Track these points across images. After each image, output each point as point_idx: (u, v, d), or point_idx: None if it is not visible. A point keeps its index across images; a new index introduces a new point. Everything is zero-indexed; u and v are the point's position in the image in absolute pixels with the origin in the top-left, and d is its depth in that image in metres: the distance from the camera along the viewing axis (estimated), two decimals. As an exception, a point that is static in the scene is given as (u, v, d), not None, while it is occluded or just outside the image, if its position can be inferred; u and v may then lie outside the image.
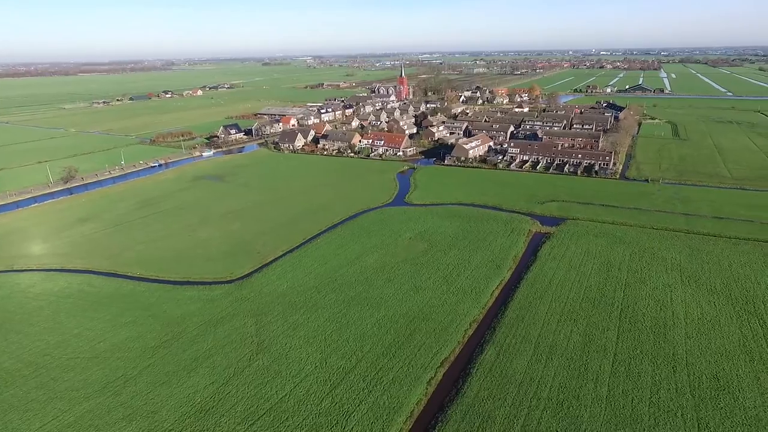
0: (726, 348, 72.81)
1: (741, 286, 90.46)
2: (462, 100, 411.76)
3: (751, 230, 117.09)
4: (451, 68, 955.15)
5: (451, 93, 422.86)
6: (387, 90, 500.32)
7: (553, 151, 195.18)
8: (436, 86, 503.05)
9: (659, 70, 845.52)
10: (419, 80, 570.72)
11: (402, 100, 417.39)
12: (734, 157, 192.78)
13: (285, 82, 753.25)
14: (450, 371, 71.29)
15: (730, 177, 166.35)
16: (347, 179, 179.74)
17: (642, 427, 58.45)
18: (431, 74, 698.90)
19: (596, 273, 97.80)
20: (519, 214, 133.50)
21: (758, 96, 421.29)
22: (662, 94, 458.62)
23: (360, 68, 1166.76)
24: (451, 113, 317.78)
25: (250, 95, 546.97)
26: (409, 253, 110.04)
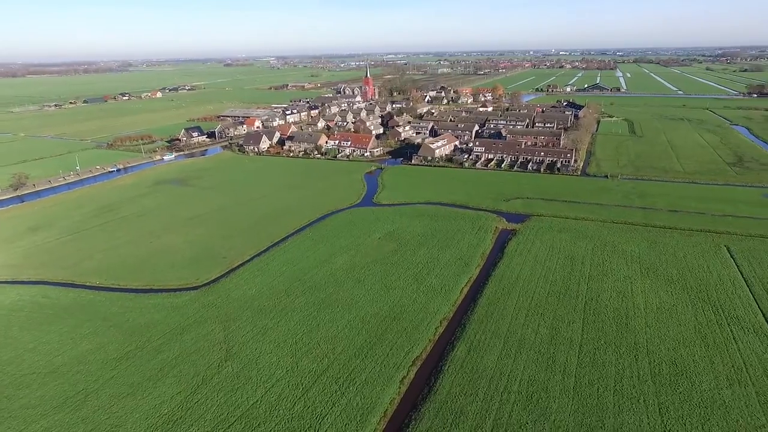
0: (683, 335, 76.13)
1: (695, 276, 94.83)
2: (427, 100, 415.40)
3: (703, 222, 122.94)
4: (416, 68, 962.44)
5: (416, 93, 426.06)
6: (353, 90, 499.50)
7: (517, 150, 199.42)
8: (402, 86, 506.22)
9: (615, 69, 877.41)
10: (384, 80, 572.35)
11: (368, 101, 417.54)
12: (686, 153, 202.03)
13: (248, 84, 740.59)
14: (422, 369, 71.73)
15: (683, 171, 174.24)
16: (314, 181, 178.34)
17: (607, 415, 60.40)
18: (396, 74, 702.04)
19: (561, 267, 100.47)
20: (486, 212, 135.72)
21: (706, 94, 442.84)
22: (619, 93, 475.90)
23: (325, 69, 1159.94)
24: (416, 113, 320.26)
25: (212, 97, 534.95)
26: (378, 254, 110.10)
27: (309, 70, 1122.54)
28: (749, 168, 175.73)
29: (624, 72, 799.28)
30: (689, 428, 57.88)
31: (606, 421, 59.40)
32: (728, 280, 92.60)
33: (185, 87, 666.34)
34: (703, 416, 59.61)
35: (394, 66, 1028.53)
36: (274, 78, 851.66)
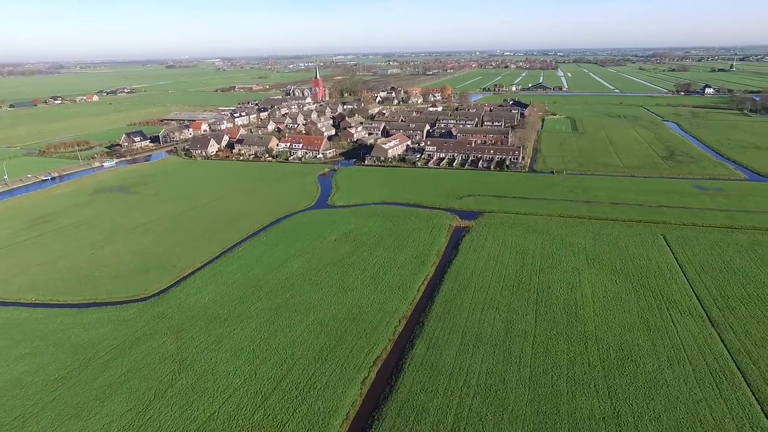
0: (627, 321, 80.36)
1: (636, 264, 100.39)
2: (378, 101, 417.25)
3: (641, 213, 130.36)
4: (366, 69, 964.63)
5: (367, 94, 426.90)
6: (302, 92, 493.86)
7: (467, 148, 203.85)
8: (352, 87, 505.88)
9: (557, 69, 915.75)
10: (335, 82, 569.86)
11: (318, 102, 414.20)
12: (624, 148, 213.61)
13: (193, 86, 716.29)
14: (383, 369, 71.84)
15: (622, 166, 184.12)
16: (267, 184, 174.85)
17: (561, 402, 62.78)
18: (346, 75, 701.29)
19: (513, 261, 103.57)
20: (439, 210, 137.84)
21: (640, 92, 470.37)
22: (561, 92, 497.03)
23: (273, 70, 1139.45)
24: (368, 114, 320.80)
25: (154, 100, 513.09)
26: (335, 255, 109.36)
27: (256, 71, 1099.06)
28: (680, 161, 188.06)
29: (565, 72, 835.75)
30: (636, 408, 61.13)
31: (561, 408, 61.73)
32: (665, 267, 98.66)
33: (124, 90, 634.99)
34: (648, 395, 63.17)
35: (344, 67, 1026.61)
36: (220, 80, 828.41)
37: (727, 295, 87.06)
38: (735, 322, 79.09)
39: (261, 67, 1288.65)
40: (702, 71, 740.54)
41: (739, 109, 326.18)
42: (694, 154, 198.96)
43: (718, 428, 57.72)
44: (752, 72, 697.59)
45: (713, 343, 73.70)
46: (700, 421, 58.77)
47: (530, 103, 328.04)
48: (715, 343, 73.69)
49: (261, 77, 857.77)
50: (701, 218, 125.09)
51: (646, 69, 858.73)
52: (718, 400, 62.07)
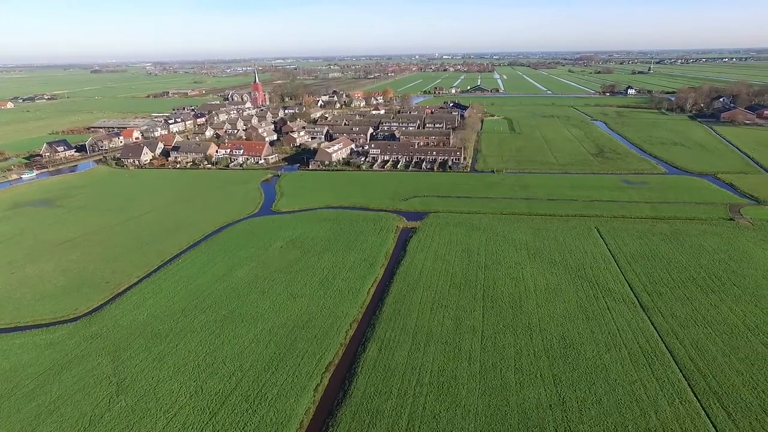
0: (568, 311, 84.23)
1: (573, 256, 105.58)
2: (320, 105, 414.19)
3: (576, 208, 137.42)
4: (306, 73, 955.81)
5: (308, 98, 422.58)
6: (242, 97, 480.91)
7: (410, 150, 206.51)
8: (293, 91, 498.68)
9: (493, 72, 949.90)
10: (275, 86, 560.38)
11: (259, 107, 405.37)
12: (558, 147, 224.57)
13: (122, 91, 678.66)
14: (336, 374, 70.97)
15: (557, 163, 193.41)
16: (207, 192, 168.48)
17: (511, 393, 64.66)
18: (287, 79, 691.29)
19: (459, 260, 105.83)
20: (386, 212, 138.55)
21: (570, 94, 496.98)
22: (498, 94, 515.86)
23: (209, 75, 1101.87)
24: (310, 118, 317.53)
25: (79, 107, 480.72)
26: (282, 262, 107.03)
27: (191, 76, 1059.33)
28: (608, 158, 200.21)
29: (501, 74, 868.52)
30: (579, 393, 64.07)
31: (510, 399, 63.56)
32: (600, 258, 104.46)
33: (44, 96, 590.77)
34: (589, 380, 66.42)
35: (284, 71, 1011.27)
36: (152, 85, 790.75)
37: (655, 281, 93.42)
38: (662, 305, 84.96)
39: (196, 72, 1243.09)
40: (624, 73, 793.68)
41: (658, 108, 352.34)
42: (621, 151, 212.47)
43: (652, 405, 61.60)
44: (667, 74, 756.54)
45: (645, 327, 78.74)
46: (637, 400, 62.50)
47: (469, 105, 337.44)
48: (646, 327, 78.76)
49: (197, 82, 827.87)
50: (629, 210, 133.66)
51: (574, 71, 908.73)
52: (651, 380, 66.30)
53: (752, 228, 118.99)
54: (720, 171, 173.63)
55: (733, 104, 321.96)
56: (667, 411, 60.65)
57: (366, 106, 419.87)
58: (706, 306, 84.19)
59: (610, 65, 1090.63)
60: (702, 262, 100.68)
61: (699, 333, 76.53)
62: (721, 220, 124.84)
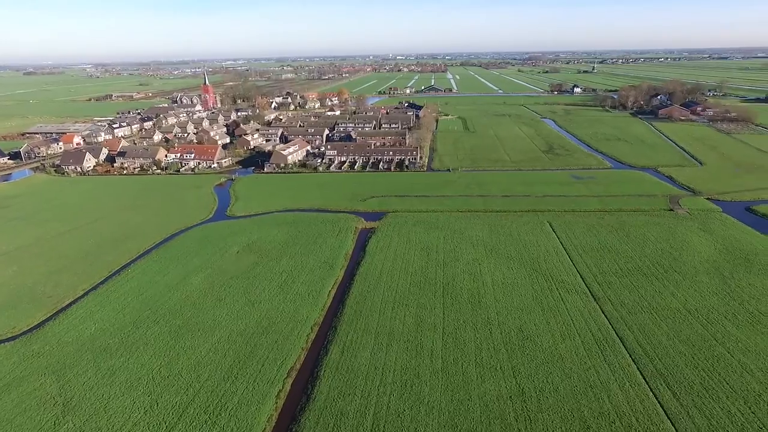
0: (524, 304, 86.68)
1: (528, 251, 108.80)
2: (274, 107, 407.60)
3: (529, 203, 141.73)
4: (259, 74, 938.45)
5: (261, 99, 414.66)
6: (191, 99, 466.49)
7: (367, 150, 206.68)
8: (245, 93, 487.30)
9: (446, 72, 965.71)
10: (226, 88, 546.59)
11: (209, 110, 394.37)
12: (510, 144, 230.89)
13: (60, 95, 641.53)
14: (298, 379, 69.94)
15: (510, 161, 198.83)
16: (157, 199, 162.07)
17: (472, 387, 65.84)
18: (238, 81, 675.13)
19: (418, 258, 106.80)
20: (344, 213, 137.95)
21: (520, 93, 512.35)
22: (451, 94, 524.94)
23: (156, 77, 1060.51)
24: (264, 120, 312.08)
25: (11, 111, 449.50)
26: (238, 268, 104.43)
27: (136, 78, 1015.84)
28: (558, 154, 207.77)
29: (454, 74, 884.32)
30: (537, 383, 66.04)
31: (472, 393, 64.70)
32: (553, 251, 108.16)
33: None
34: (546, 370, 68.60)
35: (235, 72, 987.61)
36: (93, 88, 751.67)
37: (604, 271, 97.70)
38: (612, 294, 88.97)
39: (142, 74, 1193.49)
40: (570, 73, 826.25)
41: (602, 106, 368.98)
42: (569, 148, 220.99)
43: (605, 390, 64.34)
44: (610, 73, 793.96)
45: (596, 316, 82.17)
46: (591, 386, 65.10)
47: (424, 105, 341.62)
48: (597, 315, 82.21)
49: (142, 84, 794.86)
50: (579, 204, 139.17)
51: (524, 71, 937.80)
52: (604, 366, 69.26)
53: (690, 217, 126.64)
54: (660, 165, 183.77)
55: (669, 101, 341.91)
56: (618, 395, 63.50)
57: (321, 107, 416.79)
58: (651, 293, 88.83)
59: (557, 65, 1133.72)
60: (646, 252, 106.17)
61: (645, 319, 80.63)
62: (662, 211, 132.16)
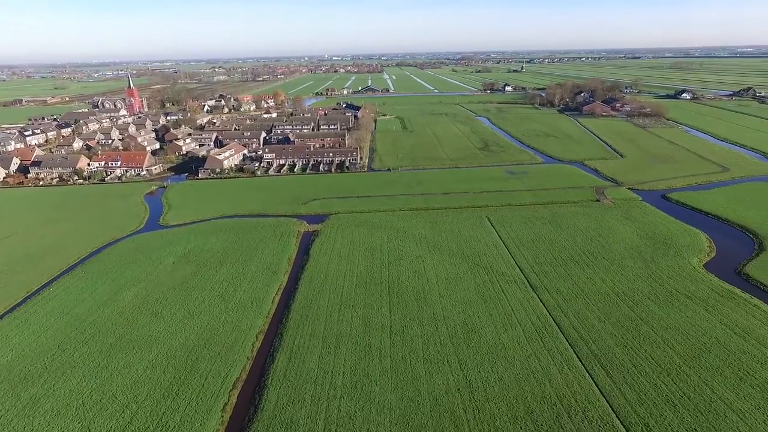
0: (468, 297, 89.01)
1: (469, 245, 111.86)
2: (206, 110, 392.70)
3: (468, 200, 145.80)
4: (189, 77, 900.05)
5: (193, 103, 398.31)
6: (115, 104, 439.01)
7: (306, 152, 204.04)
8: (175, 96, 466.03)
9: (382, 72, 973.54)
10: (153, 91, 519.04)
11: (136, 114, 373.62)
12: (448, 143, 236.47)
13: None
14: (245, 390, 67.69)
15: (448, 159, 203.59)
16: (80, 211, 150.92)
17: (421, 383, 66.66)
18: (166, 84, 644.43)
19: (363, 259, 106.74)
20: (285, 217, 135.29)
21: (455, 92, 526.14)
22: (388, 94, 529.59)
23: (73, 80, 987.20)
24: (196, 124, 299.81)
25: None
26: (175, 280, 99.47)
27: (50, 81, 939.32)
28: (493, 151, 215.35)
29: (390, 75, 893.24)
30: (483, 373, 68.01)
31: (421, 388, 65.51)
32: (492, 245, 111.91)
33: None
34: (491, 360, 70.81)
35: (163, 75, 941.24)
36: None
37: (540, 262, 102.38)
38: (548, 283, 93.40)
39: (57, 77, 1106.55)
40: (501, 72, 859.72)
41: (532, 103, 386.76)
42: (503, 144, 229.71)
43: (546, 375, 67.38)
44: (537, 72, 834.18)
45: (535, 304, 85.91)
46: (533, 372, 67.93)
47: (362, 106, 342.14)
48: (536, 304, 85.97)
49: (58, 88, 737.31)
50: (514, 199, 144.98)
51: (457, 71, 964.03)
52: (544, 352, 72.52)
53: (614, 207, 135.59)
54: (586, 158, 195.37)
55: (592, 98, 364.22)
56: (558, 378, 66.71)
57: (257, 109, 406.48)
58: (583, 279, 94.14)
59: (488, 65, 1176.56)
60: (577, 241, 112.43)
61: (579, 304, 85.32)
62: (590, 202, 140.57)
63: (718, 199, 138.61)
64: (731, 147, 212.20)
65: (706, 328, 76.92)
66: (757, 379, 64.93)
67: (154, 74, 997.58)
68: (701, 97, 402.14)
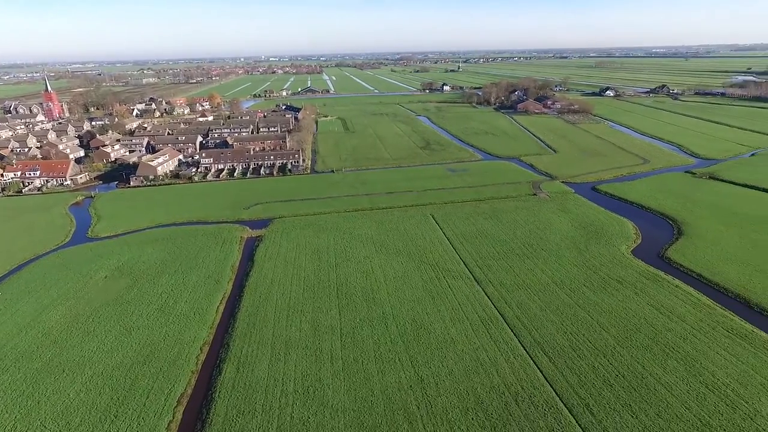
0: (416, 295, 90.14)
1: (415, 243, 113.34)
2: (136, 114, 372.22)
3: (412, 198, 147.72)
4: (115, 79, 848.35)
5: (120, 107, 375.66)
6: (30, 109, 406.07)
7: (246, 156, 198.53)
8: (100, 100, 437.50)
9: (322, 73, 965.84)
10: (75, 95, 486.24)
11: (55, 120, 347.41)
12: (390, 142, 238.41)
13: None
14: (191, 405, 64.82)
15: (391, 158, 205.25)
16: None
17: (374, 383, 66.74)
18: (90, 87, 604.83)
19: (310, 262, 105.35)
20: (227, 224, 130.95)
21: (395, 92, 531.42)
22: (329, 95, 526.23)
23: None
24: (125, 129, 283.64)
25: None
26: (108, 295, 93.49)
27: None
28: (434, 150, 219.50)
29: (330, 75, 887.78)
30: (434, 368, 69.14)
31: (374, 387, 65.59)
32: (437, 242, 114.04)
33: None
34: (441, 355, 72.14)
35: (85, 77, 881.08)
36: None
37: (483, 256, 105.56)
38: (492, 276, 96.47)
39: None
40: (439, 72, 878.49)
41: (469, 102, 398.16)
42: (444, 143, 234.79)
43: (494, 365, 69.57)
44: (473, 72, 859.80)
45: (480, 298, 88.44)
46: (481, 364, 69.90)
47: (302, 107, 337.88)
48: (481, 298, 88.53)
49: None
50: (456, 196, 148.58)
51: (397, 71, 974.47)
52: (491, 343, 74.82)
53: (550, 200, 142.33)
54: (522, 154, 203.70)
55: (525, 96, 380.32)
56: (505, 368, 69.05)
57: (191, 113, 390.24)
58: (524, 271, 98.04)
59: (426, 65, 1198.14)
60: (517, 234, 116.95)
61: (522, 295, 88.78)
62: (527, 196, 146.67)
63: (642, 189, 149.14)
64: (651, 140, 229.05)
65: (636, 309, 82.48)
66: (680, 353, 70.46)
67: (75, 77, 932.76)
68: (623, 94, 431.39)
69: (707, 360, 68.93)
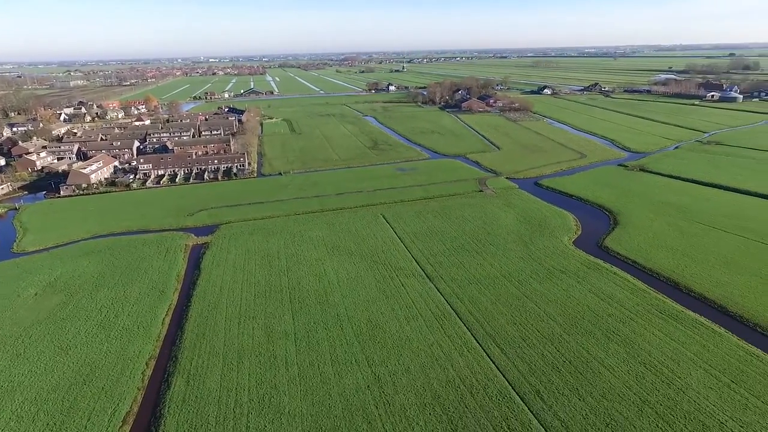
0: (370, 295, 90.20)
1: (367, 244, 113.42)
2: (64, 119, 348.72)
3: (362, 198, 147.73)
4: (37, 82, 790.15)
5: (45, 111, 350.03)
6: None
7: (188, 161, 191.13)
8: (21, 105, 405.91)
9: (265, 74, 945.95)
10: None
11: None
12: (338, 143, 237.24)
13: None
14: (137, 424, 61.63)
15: (339, 159, 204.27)
16: None
17: (331, 386, 66.16)
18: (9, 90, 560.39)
19: (260, 267, 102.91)
20: (170, 232, 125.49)
21: (341, 93, 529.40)
22: (273, 96, 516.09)
23: None
24: (52, 135, 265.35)
25: None
26: (39, 313, 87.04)
27: None
28: (383, 149, 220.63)
29: (273, 76, 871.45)
30: (390, 367, 69.48)
31: (331, 391, 65.02)
32: (389, 241, 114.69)
33: None
34: (397, 354, 72.61)
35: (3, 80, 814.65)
36: None
37: (434, 253, 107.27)
38: (443, 272, 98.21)
39: None
40: (384, 72, 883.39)
41: (415, 102, 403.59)
42: (392, 142, 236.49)
43: (449, 360, 70.86)
44: (417, 72, 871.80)
45: (433, 295, 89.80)
46: (437, 359, 70.99)
47: (246, 109, 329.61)
48: (434, 294, 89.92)
49: None
50: (406, 195, 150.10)
51: (342, 71, 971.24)
52: (445, 339, 76.14)
53: (495, 196, 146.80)
54: (468, 152, 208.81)
55: (468, 95, 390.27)
56: (459, 361, 70.51)
57: (126, 116, 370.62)
58: (474, 266, 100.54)
59: (371, 65, 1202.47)
60: (466, 230, 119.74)
61: (473, 290, 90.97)
62: (474, 193, 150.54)
63: (580, 183, 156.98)
64: (586, 136, 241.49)
65: (579, 297, 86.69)
66: (621, 336, 74.78)
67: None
68: (559, 92, 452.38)
69: (644, 341, 73.55)
